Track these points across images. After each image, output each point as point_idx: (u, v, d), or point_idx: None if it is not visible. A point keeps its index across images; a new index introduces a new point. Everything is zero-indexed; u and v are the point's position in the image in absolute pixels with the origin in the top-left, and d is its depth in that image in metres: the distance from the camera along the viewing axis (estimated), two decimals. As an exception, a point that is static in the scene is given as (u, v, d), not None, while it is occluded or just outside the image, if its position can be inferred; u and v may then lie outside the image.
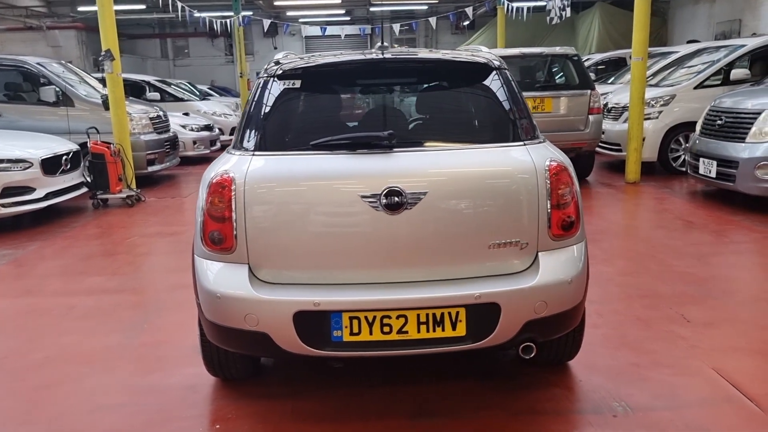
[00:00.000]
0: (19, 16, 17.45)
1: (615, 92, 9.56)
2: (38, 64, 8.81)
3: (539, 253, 2.63)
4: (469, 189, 2.55)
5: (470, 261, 2.58)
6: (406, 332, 2.51)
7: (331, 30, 17.19)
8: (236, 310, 2.54)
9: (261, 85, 2.81)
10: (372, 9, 20.23)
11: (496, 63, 2.87)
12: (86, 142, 7.62)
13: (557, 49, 8.11)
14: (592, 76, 12.47)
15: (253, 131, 2.70)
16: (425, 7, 19.35)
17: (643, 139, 8.18)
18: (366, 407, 2.86)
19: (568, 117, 7.74)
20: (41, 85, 8.58)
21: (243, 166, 2.59)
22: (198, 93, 14.93)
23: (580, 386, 3.01)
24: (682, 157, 8.25)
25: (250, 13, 17.84)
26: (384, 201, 2.47)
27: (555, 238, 2.64)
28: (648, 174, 8.32)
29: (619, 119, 8.71)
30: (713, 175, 6.59)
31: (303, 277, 2.57)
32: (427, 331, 2.52)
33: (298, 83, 2.76)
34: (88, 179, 7.59)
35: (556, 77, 8.29)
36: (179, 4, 12.63)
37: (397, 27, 16.67)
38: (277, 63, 2.90)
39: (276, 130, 2.70)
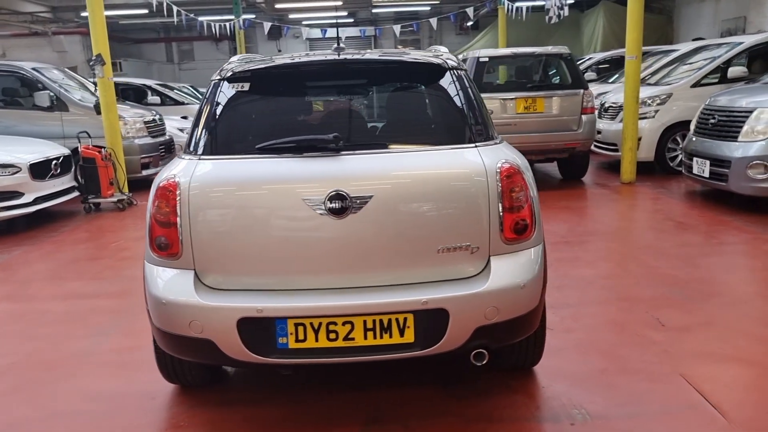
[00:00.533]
0: (24, 22, 17.62)
1: (613, 91, 9.44)
2: (33, 69, 8.86)
3: (491, 257, 2.57)
4: (416, 192, 2.50)
5: (419, 266, 2.53)
6: (353, 339, 2.46)
7: (331, 32, 17.18)
8: (181, 317, 2.50)
9: (212, 88, 2.77)
10: (374, 11, 20.20)
11: (451, 63, 2.81)
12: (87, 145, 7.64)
13: (549, 49, 8.01)
14: (593, 75, 12.42)
15: (202, 135, 2.67)
16: (428, 8, 19.27)
17: (639, 139, 8.08)
18: (320, 414, 2.81)
19: (560, 117, 7.64)
20: (36, 91, 8.63)
21: (189, 170, 2.56)
22: (200, 96, 14.98)
23: (542, 393, 2.94)
24: (680, 156, 8.12)
25: (253, 16, 17.88)
26: (329, 205, 2.43)
27: (508, 242, 2.58)
28: (645, 174, 8.20)
29: (615, 119, 8.60)
30: (706, 174, 6.47)
31: (249, 282, 2.53)
32: (374, 337, 2.46)
33: (246, 86, 2.72)
34: (81, 182, 7.61)
35: (549, 77, 8.19)
36: (175, 9, 12.67)
37: (397, 28, 16.60)
38: (231, 65, 2.87)
39: (224, 134, 2.67)
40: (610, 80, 11.72)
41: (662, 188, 7.61)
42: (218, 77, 2.80)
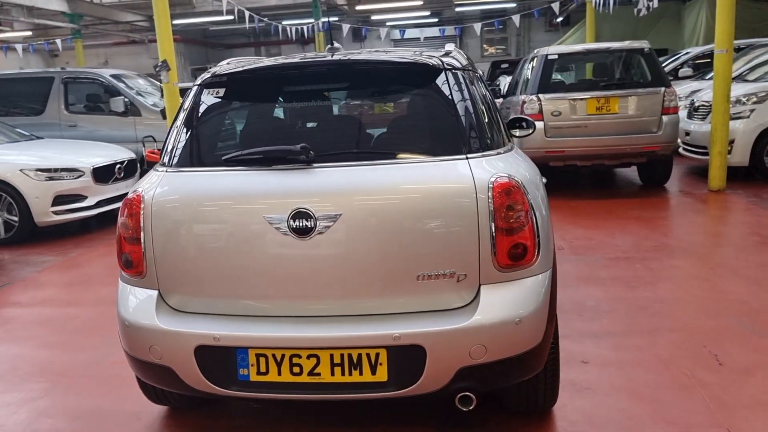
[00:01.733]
0: (123, 31, 18.63)
1: (705, 89, 8.57)
2: (112, 76, 9.22)
3: (482, 287, 2.22)
4: (392, 211, 2.19)
5: (395, 295, 2.22)
6: (319, 374, 2.20)
7: (410, 33, 16.94)
8: (142, 341, 2.35)
9: (190, 95, 2.59)
10: (458, 9, 19.74)
11: (450, 63, 2.46)
12: (152, 150, 7.84)
13: (627, 44, 7.35)
14: (689, 71, 11.41)
15: (174, 146, 2.49)
16: (513, 5, 18.58)
17: (732, 141, 7.25)
18: (300, 451, 2.57)
19: (637, 118, 6.98)
20: (113, 97, 8.97)
21: (155, 183, 2.40)
22: (281, 99, 15.16)
23: (553, 442, 2.55)
24: (780, 161, 7.23)
25: (336, 18, 17.96)
26: (292, 224, 2.18)
27: (502, 269, 2.22)
28: (739, 181, 7.35)
29: (706, 119, 7.78)
30: (806, 183, 5.66)
31: (211, 306, 2.33)
32: (343, 374, 2.19)
33: (222, 91, 2.52)
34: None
35: (625, 75, 7.51)
36: (247, 14, 12.87)
37: (478, 27, 16.08)
38: (213, 69, 2.68)
39: (195, 144, 2.48)
40: (707, 77, 10.71)
41: (755, 197, 6.78)
42: (199, 82, 2.61)
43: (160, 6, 7.76)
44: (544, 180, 2.64)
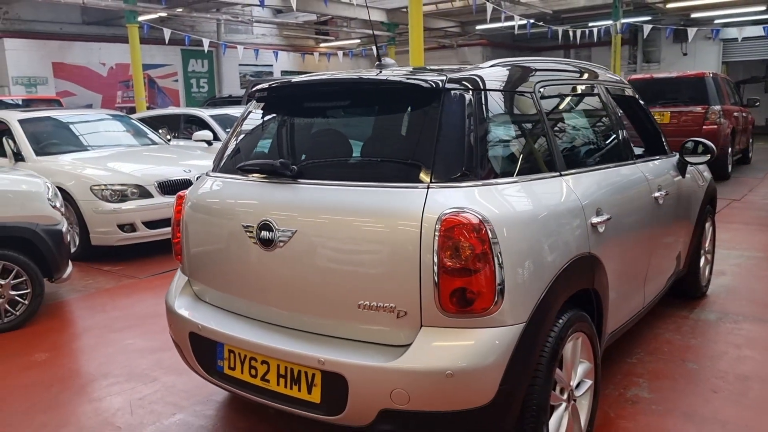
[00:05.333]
0: (434, 37, 20.06)
1: None
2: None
3: (423, 328, 2.04)
4: (338, 234, 2.16)
5: (337, 317, 2.20)
6: (268, 381, 2.31)
7: (727, 33, 14.55)
8: (169, 318, 2.73)
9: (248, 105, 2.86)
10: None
11: (467, 83, 2.24)
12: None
13: None
14: None
15: (221, 151, 2.80)
16: None
17: None
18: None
19: None
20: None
21: (198, 183, 2.75)
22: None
23: None
24: None
25: (648, 18, 16.50)
26: (259, 234, 2.31)
27: (448, 314, 2.01)
28: None
29: None
30: None
31: (216, 299, 2.60)
32: (285, 386, 2.26)
33: (261, 105, 2.74)
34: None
35: None
36: (517, 19, 12.63)
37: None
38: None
39: (229, 152, 2.74)
40: None
41: None
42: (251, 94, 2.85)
43: (415, 14, 8.30)
44: None
